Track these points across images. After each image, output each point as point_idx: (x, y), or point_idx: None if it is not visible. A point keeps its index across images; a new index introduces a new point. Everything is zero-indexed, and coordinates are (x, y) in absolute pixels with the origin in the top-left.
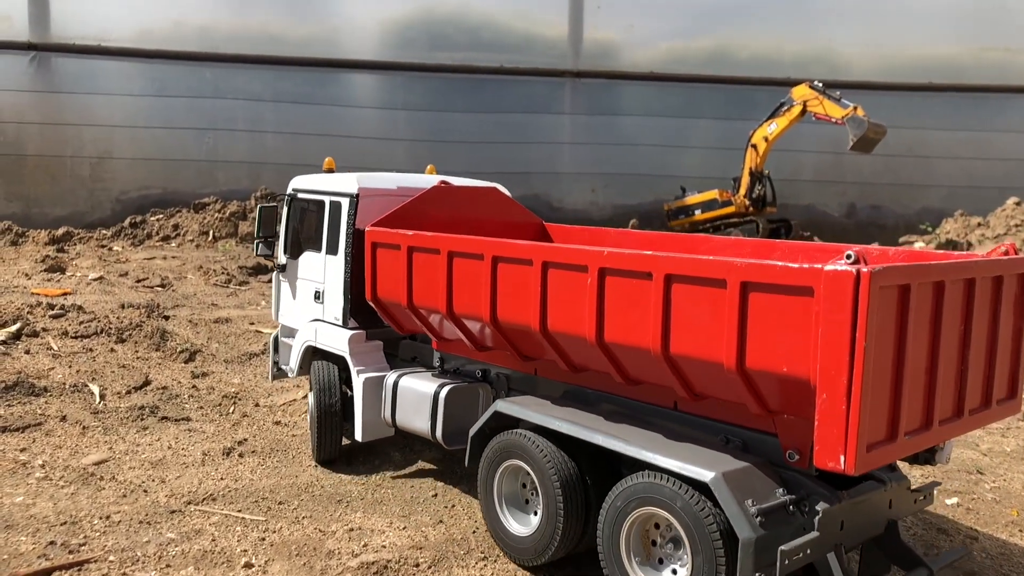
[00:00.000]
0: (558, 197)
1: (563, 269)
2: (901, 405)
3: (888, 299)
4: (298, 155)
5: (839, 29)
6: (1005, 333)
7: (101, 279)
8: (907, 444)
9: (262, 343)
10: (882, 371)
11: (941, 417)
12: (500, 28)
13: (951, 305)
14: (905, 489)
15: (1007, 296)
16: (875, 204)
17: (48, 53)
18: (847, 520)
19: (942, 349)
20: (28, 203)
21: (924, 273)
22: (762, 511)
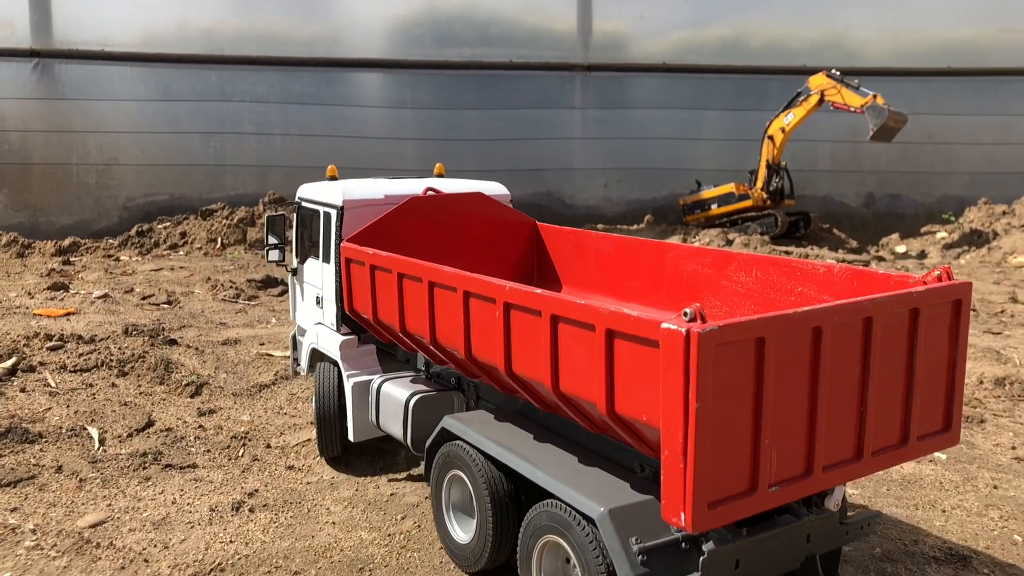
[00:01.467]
0: (570, 193)
1: (480, 299)
2: (760, 458)
3: (732, 355)
4: (306, 157)
5: (854, 14)
6: (932, 365)
7: (106, 296)
8: (775, 495)
9: (273, 371)
10: (729, 427)
11: (827, 463)
12: (508, 23)
13: (836, 348)
14: (831, 522)
15: (929, 327)
16: (894, 193)
17: (51, 60)
18: (745, 559)
19: (823, 396)
20: (35, 212)
21: (784, 324)
22: (646, 550)
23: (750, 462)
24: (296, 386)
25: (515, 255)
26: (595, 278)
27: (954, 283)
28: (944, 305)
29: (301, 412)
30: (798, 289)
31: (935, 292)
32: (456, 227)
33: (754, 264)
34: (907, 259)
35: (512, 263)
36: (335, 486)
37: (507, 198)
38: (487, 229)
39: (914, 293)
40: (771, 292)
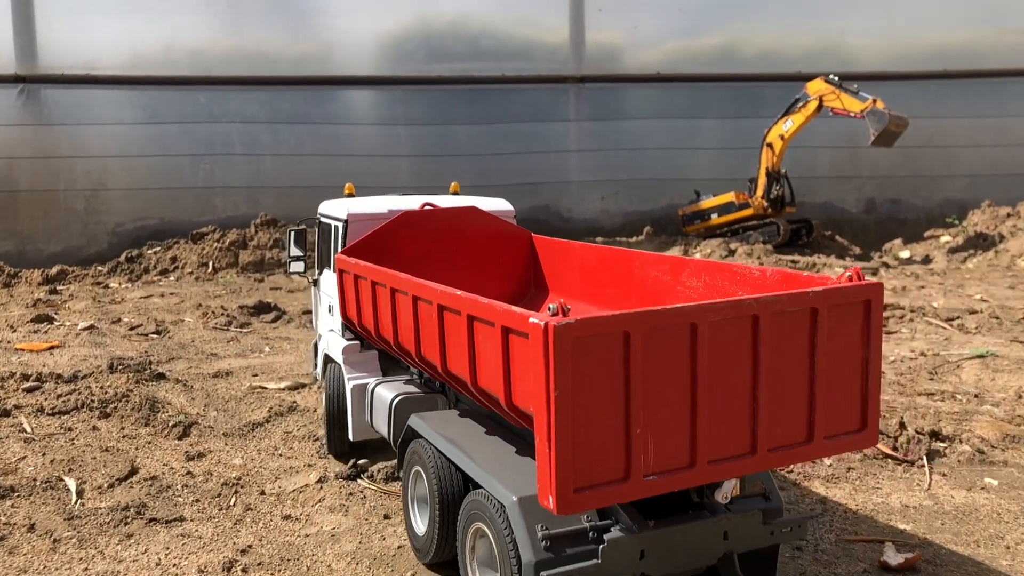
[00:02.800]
0: (567, 207)
1: (424, 302)
2: (633, 448)
3: (594, 348)
4: (298, 177)
5: (849, 20)
6: (841, 365)
7: (92, 328)
8: (653, 484)
9: (266, 408)
10: (595, 416)
11: (713, 457)
12: (500, 36)
13: (716, 345)
14: (753, 521)
15: (833, 327)
16: (894, 198)
17: (37, 85)
18: (651, 550)
19: (702, 390)
20: (22, 240)
21: (650, 320)
22: (552, 536)
23: (622, 450)
24: (292, 423)
25: (512, 267)
26: (580, 287)
27: (862, 284)
28: (852, 306)
29: (297, 452)
30: (737, 292)
31: (836, 292)
32: (452, 240)
33: (703, 270)
34: (911, 264)
35: (509, 275)
36: (336, 538)
37: (511, 214)
38: (483, 242)
39: (809, 293)
40: (714, 295)
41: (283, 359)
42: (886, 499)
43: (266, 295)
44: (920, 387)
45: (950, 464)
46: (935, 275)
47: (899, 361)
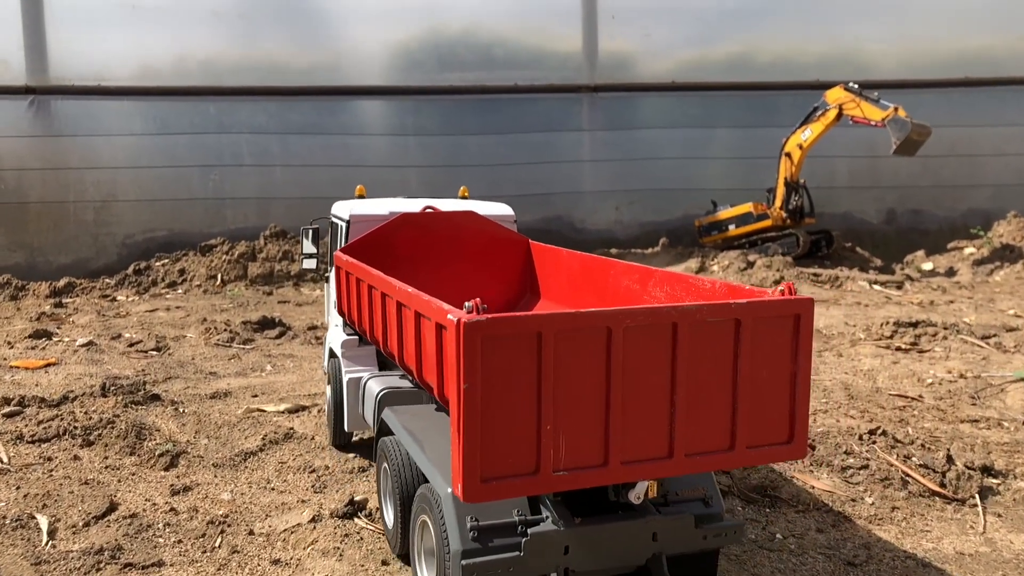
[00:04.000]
0: (580, 218)
1: (388, 297)
2: (543, 443)
3: (504, 346)
4: (308, 188)
5: (866, 27)
6: (767, 377)
7: (91, 344)
8: (562, 479)
9: (261, 435)
10: (503, 411)
11: (627, 458)
12: (512, 45)
13: (632, 350)
14: (684, 524)
15: (759, 339)
16: (916, 208)
17: (47, 96)
18: (575, 546)
19: (616, 393)
20: (32, 252)
21: (562, 322)
22: (480, 527)
23: (532, 445)
24: (287, 452)
25: (509, 271)
26: (566, 292)
27: (791, 298)
28: (780, 319)
29: (291, 486)
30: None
31: (762, 305)
32: (450, 243)
33: (665, 280)
34: (935, 276)
35: (505, 279)
36: None
37: (511, 218)
38: (481, 246)
39: (732, 305)
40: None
41: (285, 378)
42: (937, 544)
43: (273, 309)
44: (963, 413)
45: (1005, 503)
46: (962, 288)
47: (937, 384)
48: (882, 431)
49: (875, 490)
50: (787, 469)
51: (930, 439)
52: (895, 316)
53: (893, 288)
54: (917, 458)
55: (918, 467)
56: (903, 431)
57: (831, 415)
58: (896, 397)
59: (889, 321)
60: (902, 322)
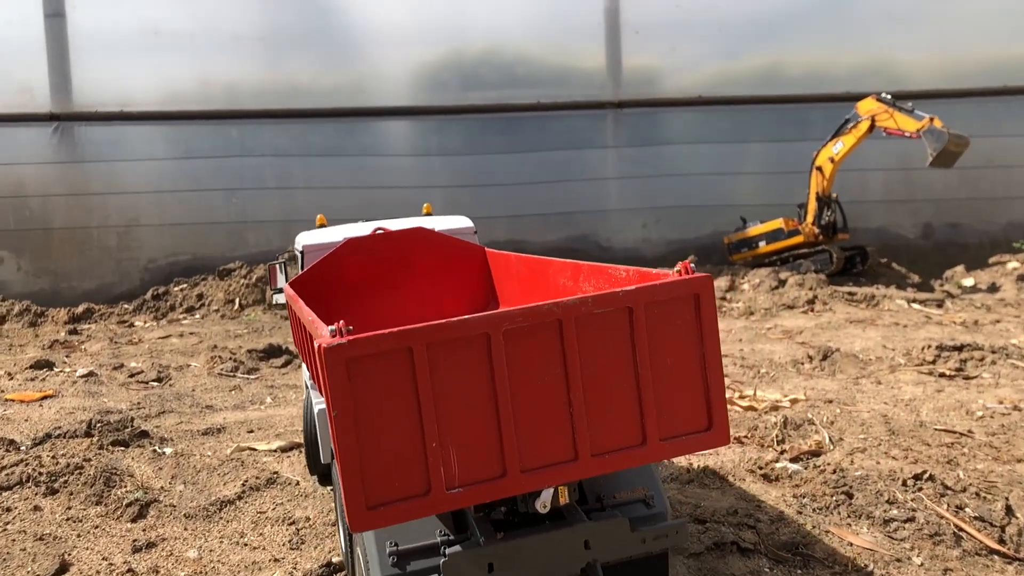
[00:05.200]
0: (606, 236)
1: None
2: (430, 462)
3: (373, 366)
4: (331, 210)
5: (899, 37)
6: (672, 363)
7: (91, 375)
8: (458, 497)
9: (242, 480)
10: (382, 433)
11: (527, 466)
12: (534, 63)
13: (516, 353)
14: (619, 529)
15: (656, 325)
16: (954, 222)
17: (71, 122)
18: (500, 563)
19: (504, 399)
20: (56, 278)
21: (430, 334)
22: (399, 552)
23: (419, 465)
24: (268, 500)
25: (468, 283)
26: (519, 296)
27: (684, 278)
28: (677, 301)
29: (267, 541)
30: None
31: (653, 289)
32: (402, 263)
33: (591, 273)
34: (976, 293)
35: (465, 291)
36: None
37: (470, 231)
38: (435, 261)
39: (620, 293)
40: None
41: (284, 412)
42: None
43: (288, 334)
44: (1020, 451)
45: None
46: (1008, 306)
47: (988, 417)
48: (929, 476)
49: (924, 547)
50: (821, 522)
51: (985, 484)
52: (937, 338)
53: (933, 306)
54: (971, 509)
55: (972, 520)
56: (953, 475)
57: (870, 455)
58: (943, 432)
59: (931, 344)
60: (945, 345)
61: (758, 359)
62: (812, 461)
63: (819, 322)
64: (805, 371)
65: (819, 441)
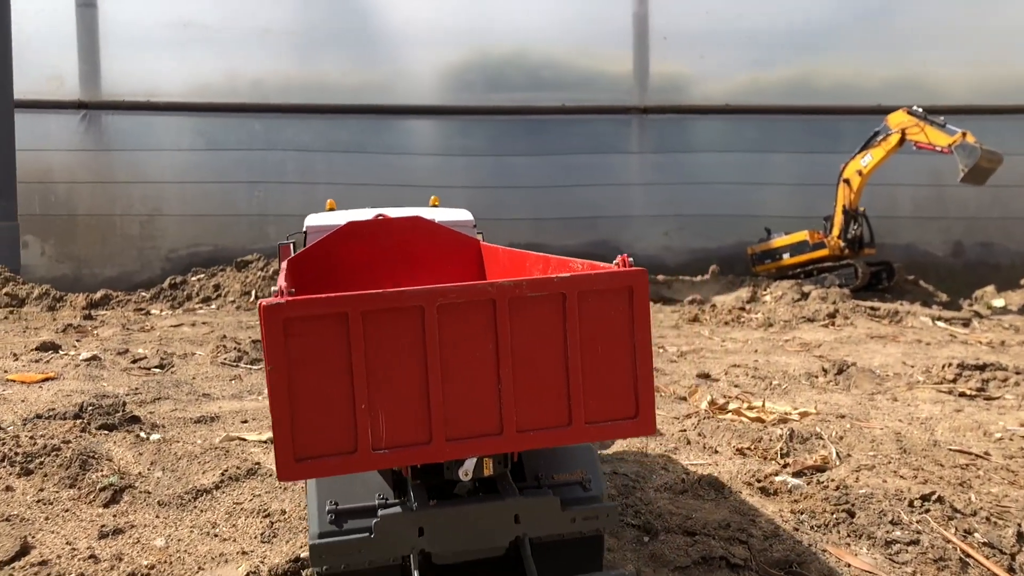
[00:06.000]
0: (628, 242)
1: None
2: (358, 422)
3: (308, 327)
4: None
5: (933, 51)
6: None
7: (95, 359)
8: (383, 458)
9: (221, 470)
10: (313, 392)
11: (452, 435)
12: (561, 66)
13: (448, 327)
14: (549, 506)
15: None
16: (985, 241)
17: (99, 111)
18: (430, 528)
19: (434, 370)
20: (78, 264)
21: (366, 302)
22: (337, 511)
23: (348, 425)
24: (246, 491)
25: (463, 273)
26: None
27: (620, 270)
28: (612, 292)
29: (239, 533)
30: None
31: (588, 279)
32: (400, 250)
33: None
34: (1007, 314)
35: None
36: None
37: (470, 223)
38: (432, 251)
39: (555, 279)
40: None
41: None
42: None
43: None
44: None
45: None
46: None
47: (1007, 439)
48: (938, 497)
49: (926, 572)
50: (819, 540)
51: (997, 509)
52: (960, 357)
53: (959, 325)
54: (980, 534)
55: (981, 545)
56: (964, 498)
57: (878, 473)
58: (957, 453)
59: (952, 363)
60: (967, 364)
61: (772, 371)
62: (816, 476)
63: (839, 336)
64: (819, 385)
65: (825, 456)
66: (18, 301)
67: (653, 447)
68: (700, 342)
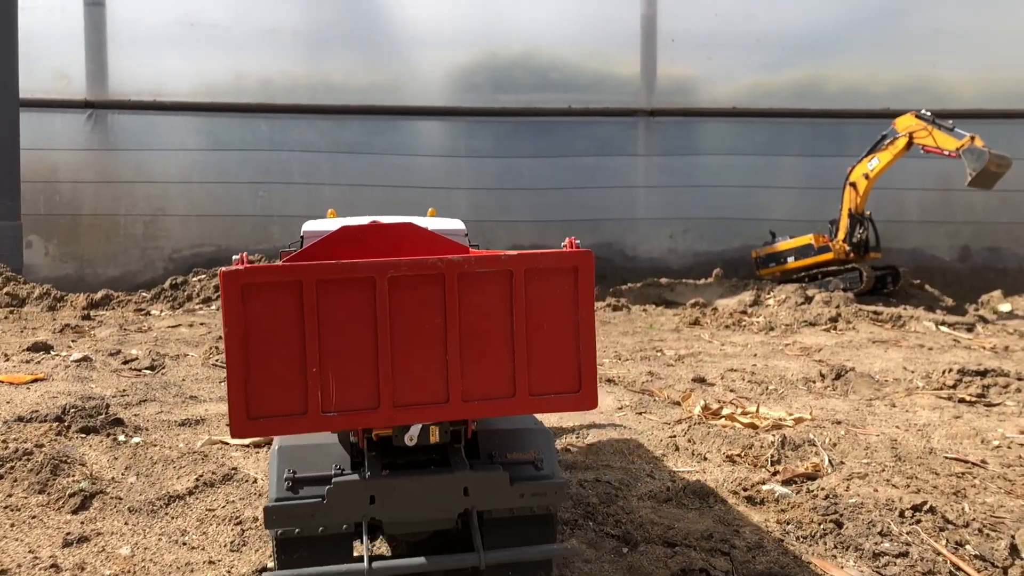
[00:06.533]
0: (632, 245)
1: None
2: (309, 386)
3: (264, 294)
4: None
5: (943, 55)
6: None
7: (86, 360)
8: (332, 420)
9: (196, 475)
10: (267, 354)
11: (399, 402)
12: (569, 68)
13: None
14: (499, 481)
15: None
16: (993, 246)
17: (105, 110)
18: (380, 496)
19: (383, 339)
20: (82, 263)
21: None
22: (295, 479)
23: (299, 387)
24: (220, 497)
25: None
26: None
27: (567, 251)
28: (557, 272)
29: (208, 541)
30: None
31: (534, 257)
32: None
33: None
34: (1013, 319)
35: None
36: None
37: (462, 232)
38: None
39: (502, 256)
40: None
41: None
42: None
43: None
44: None
45: None
46: None
47: (1005, 447)
48: (930, 507)
49: None
50: (804, 552)
51: (991, 520)
52: (961, 362)
53: (963, 330)
54: (972, 546)
55: (972, 558)
56: (957, 508)
57: (870, 481)
58: (953, 461)
59: (953, 368)
60: (968, 370)
61: (769, 375)
62: (805, 485)
63: (840, 341)
64: (816, 390)
65: (817, 464)
66: (19, 301)
67: (641, 453)
68: (699, 346)
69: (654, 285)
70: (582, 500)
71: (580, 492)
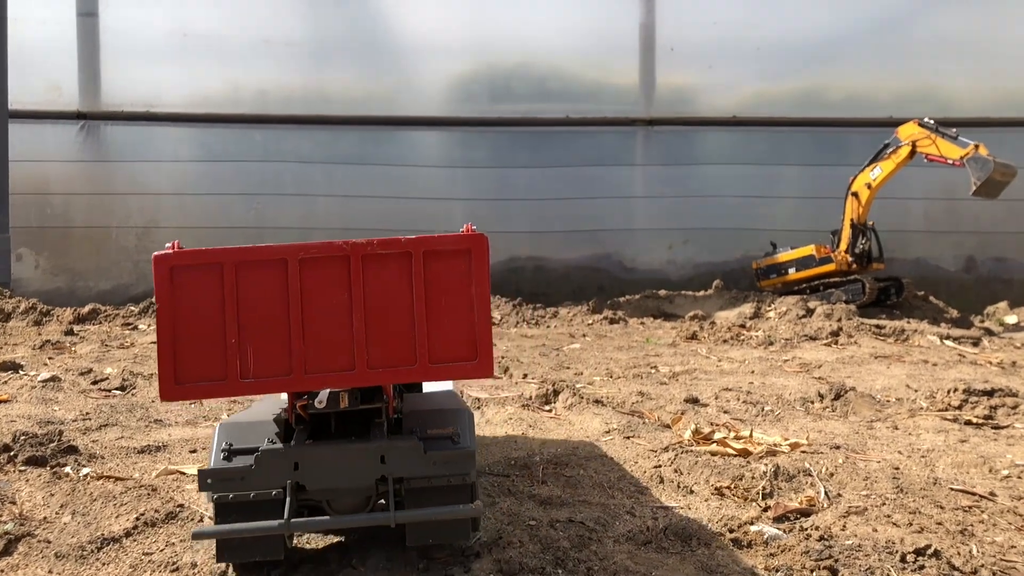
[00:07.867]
0: (631, 256)
1: None
2: (228, 354)
3: (189, 274)
4: (350, 219)
5: (946, 63)
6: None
7: (54, 380)
8: (249, 385)
9: (137, 513)
10: (190, 326)
11: (309, 369)
12: (567, 78)
13: (309, 278)
14: (414, 450)
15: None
16: (999, 256)
17: (97, 121)
18: (304, 463)
19: (294, 313)
20: (73, 276)
21: (239, 255)
22: (231, 449)
23: (219, 356)
24: (159, 539)
25: None
26: None
27: (461, 235)
28: (452, 253)
29: None
30: None
31: (431, 240)
32: None
33: None
34: (1019, 331)
35: None
36: None
37: None
38: None
39: (402, 239)
40: None
41: None
42: None
43: None
44: None
45: None
46: None
47: (1015, 476)
48: (934, 551)
49: None
50: None
51: (1001, 564)
52: (967, 379)
53: (968, 344)
54: None
55: None
56: (964, 550)
57: (868, 518)
58: (960, 493)
59: (959, 387)
60: (974, 389)
61: (766, 394)
62: (799, 522)
63: (841, 356)
64: (814, 411)
65: (812, 497)
66: (4, 316)
67: (622, 486)
68: (695, 362)
69: (653, 297)
70: (551, 544)
71: (550, 535)
